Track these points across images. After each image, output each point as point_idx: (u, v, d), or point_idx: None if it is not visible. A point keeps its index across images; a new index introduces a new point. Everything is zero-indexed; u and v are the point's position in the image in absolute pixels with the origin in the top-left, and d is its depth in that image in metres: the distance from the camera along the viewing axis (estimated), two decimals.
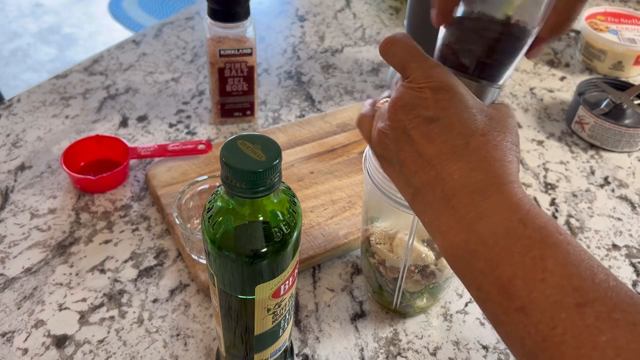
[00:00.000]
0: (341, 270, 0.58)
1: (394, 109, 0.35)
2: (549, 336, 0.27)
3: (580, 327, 0.26)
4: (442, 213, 0.32)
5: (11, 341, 0.50)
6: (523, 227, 0.30)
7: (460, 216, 0.31)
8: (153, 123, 0.77)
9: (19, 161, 0.69)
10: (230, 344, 0.43)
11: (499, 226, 0.30)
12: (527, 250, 0.29)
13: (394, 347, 0.52)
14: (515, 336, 0.29)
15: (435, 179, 0.33)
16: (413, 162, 0.34)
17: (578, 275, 0.28)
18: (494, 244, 0.30)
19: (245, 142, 0.33)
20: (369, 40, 0.99)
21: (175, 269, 0.57)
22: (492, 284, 0.30)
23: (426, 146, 0.33)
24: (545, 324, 0.27)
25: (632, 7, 1.15)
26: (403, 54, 0.36)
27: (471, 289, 0.32)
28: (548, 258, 0.28)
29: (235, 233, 0.35)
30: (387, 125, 0.35)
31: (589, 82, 0.82)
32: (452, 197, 0.32)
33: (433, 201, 0.33)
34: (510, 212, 0.30)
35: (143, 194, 0.65)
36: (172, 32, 0.97)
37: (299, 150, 0.71)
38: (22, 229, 0.61)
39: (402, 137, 0.34)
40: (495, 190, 0.31)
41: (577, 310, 0.27)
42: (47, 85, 0.83)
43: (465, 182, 0.32)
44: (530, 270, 0.28)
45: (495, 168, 0.32)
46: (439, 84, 0.34)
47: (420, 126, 0.33)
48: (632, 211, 0.68)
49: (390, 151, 0.35)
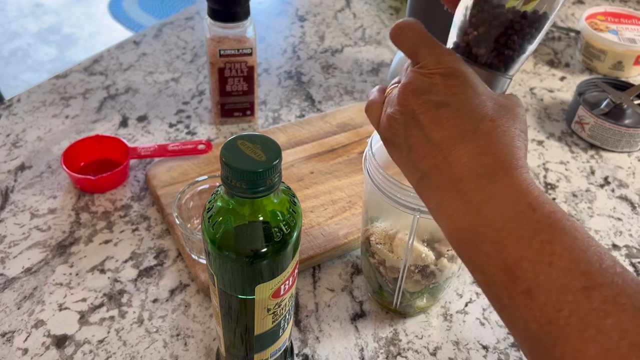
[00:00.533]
0: (341, 270, 0.58)
1: (404, 94, 0.35)
2: (554, 318, 0.27)
3: (587, 310, 0.26)
4: (449, 197, 0.32)
5: (11, 341, 0.50)
6: (532, 211, 0.30)
7: (467, 199, 0.31)
8: (153, 123, 0.77)
9: (19, 161, 0.69)
10: (230, 344, 0.43)
11: (507, 209, 0.30)
12: (536, 233, 0.29)
13: (394, 347, 0.52)
14: (519, 320, 0.29)
15: (443, 162, 0.33)
16: (421, 147, 0.34)
17: (586, 260, 0.28)
18: (502, 227, 0.30)
19: (245, 142, 0.33)
20: (369, 40, 0.99)
21: (175, 269, 0.57)
22: (498, 267, 0.30)
23: (435, 130, 0.33)
24: (551, 307, 0.27)
25: (632, 7, 1.15)
26: (414, 40, 0.36)
27: (476, 273, 0.32)
28: (556, 242, 0.28)
29: (235, 233, 0.35)
30: (396, 110, 0.35)
31: (589, 82, 0.82)
32: (460, 180, 0.32)
33: (440, 185, 0.33)
34: (520, 196, 0.30)
35: (143, 194, 0.65)
36: (172, 32, 0.97)
37: (299, 150, 0.71)
38: (22, 229, 0.61)
39: (411, 122, 0.34)
40: (504, 174, 0.31)
41: (584, 293, 0.27)
42: (47, 85, 0.83)
43: (474, 166, 0.32)
44: (538, 253, 0.28)
45: (504, 153, 0.32)
46: (450, 70, 0.34)
47: (429, 111, 0.33)
48: (632, 211, 0.68)
49: (399, 136, 0.35)
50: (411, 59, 0.37)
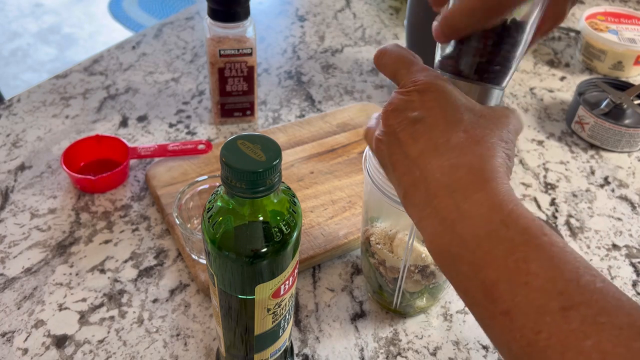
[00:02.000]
0: (341, 270, 0.58)
1: (385, 115, 0.35)
2: (533, 341, 0.26)
3: (565, 332, 0.26)
4: (427, 214, 0.32)
5: (11, 341, 0.50)
6: (505, 228, 0.29)
7: (442, 217, 0.31)
8: (153, 123, 0.77)
9: (19, 161, 0.69)
10: (230, 344, 0.43)
11: (480, 228, 0.29)
12: (510, 253, 0.28)
13: (394, 347, 0.52)
14: (502, 340, 0.29)
15: (419, 179, 0.33)
16: (401, 164, 0.34)
17: (562, 278, 0.27)
18: (477, 247, 0.29)
19: (245, 142, 0.33)
20: (369, 40, 0.99)
21: (175, 269, 0.57)
22: (477, 287, 0.29)
23: (412, 146, 0.33)
24: (529, 329, 0.27)
25: (632, 7, 1.15)
26: (393, 63, 0.37)
27: (459, 292, 0.31)
28: (532, 261, 0.28)
29: (235, 233, 0.35)
30: (381, 132, 0.36)
31: (589, 82, 0.82)
32: (435, 197, 0.31)
33: (418, 202, 0.33)
34: (492, 213, 0.30)
35: (143, 194, 0.65)
36: (172, 32, 0.97)
37: (299, 150, 0.71)
38: (22, 229, 0.61)
39: (393, 141, 0.34)
40: (476, 188, 0.30)
41: (561, 314, 0.26)
42: (47, 85, 0.83)
43: (446, 181, 0.31)
44: (513, 274, 0.28)
45: (476, 164, 0.31)
46: (425, 85, 0.34)
47: (407, 128, 0.34)
48: (632, 211, 0.68)
49: (384, 156, 0.36)
50: (394, 82, 0.37)
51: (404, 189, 0.34)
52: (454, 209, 0.30)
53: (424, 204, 0.32)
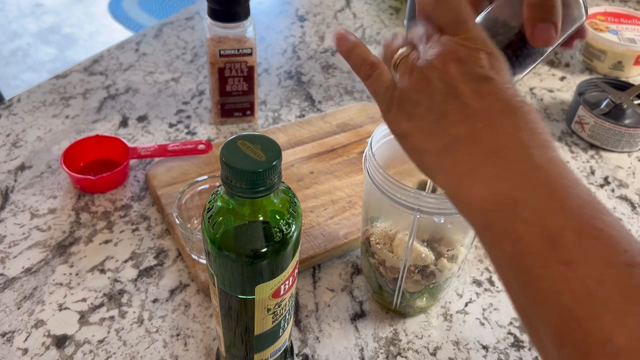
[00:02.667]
0: (341, 270, 0.58)
1: (444, 61, 0.34)
2: (594, 290, 0.27)
3: (629, 286, 0.26)
4: (488, 163, 0.32)
5: (11, 341, 0.50)
6: (576, 187, 0.30)
7: (510, 167, 0.32)
8: (153, 123, 0.77)
9: (19, 161, 0.69)
10: (230, 344, 0.43)
11: (554, 180, 0.30)
12: (580, 207, 0.29)
13: (394, 347, 0.52)
14: (548, 292, 0.28)
15: (483, 130, 0.33)
16: (458, 113, 0.34)
17: (626, 239, 0.28)
18: (549, 195, 0.30)
19: (245, 142, 0.33)
20: (369, 40, 0.99)
21: (175, 269, 0.57)
22: (537, 234, 0.29)
23: (476, 100, 0.33)
24: (593, 278, 0.27)
25: (632, 7, 1.15)
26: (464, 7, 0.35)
27: (505, 243, 0.31)
28: (598, 219, 0.29)
29: (235, 233, 0.35)
30: (434, 75, 0.34)
31: (589, 82, 0.82)
32: (504, 148, 0.32)
33: (476, 152, 0.33)
34: (566, 171, 0.31)
35: (143, 194, 0.65)
36: (172, 32, 0.97)
37: (299, 150, 0.71)
38: (22, 229, 0.61)
39: (450, 89, 0.34)
40: (549, 150, 0.32)
41: (626, 269, 0.27)
42: (47, 85, 0.83)
43: (521, 137, 0.32)
44: (584, 224, 0.29)
45: (546, 134, 0.33)
46: (495, 52, 0.34)
47: (471, 82, 0.34)
48: (632, 211, 0.68)
49: (432, 100, 0.35)
50: (450, 25, 0.35)
51: (455, 137, 0.34)
52: (528, 160, 0.31)
53: (483, 153, 0.32)
